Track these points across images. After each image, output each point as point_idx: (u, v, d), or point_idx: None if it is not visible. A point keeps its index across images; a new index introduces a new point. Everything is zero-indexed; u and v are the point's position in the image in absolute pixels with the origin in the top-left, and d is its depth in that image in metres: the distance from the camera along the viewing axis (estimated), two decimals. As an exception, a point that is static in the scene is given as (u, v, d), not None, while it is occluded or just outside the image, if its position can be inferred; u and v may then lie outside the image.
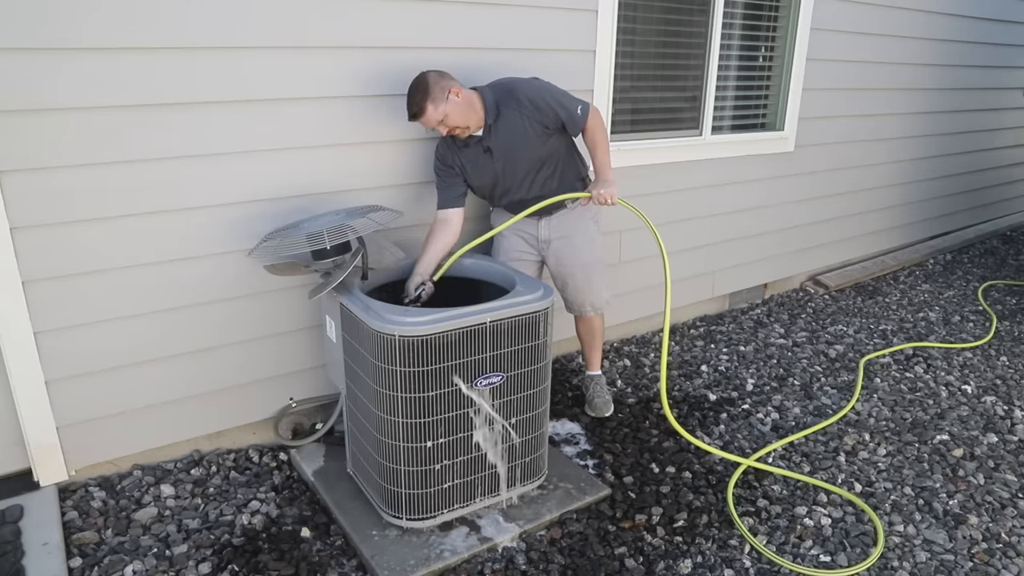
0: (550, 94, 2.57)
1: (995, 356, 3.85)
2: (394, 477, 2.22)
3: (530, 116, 2.54)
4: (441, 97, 2.43)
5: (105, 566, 2.15)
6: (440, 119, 2.45)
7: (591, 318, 3.02)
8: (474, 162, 2.63)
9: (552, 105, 2.56)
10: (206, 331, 2.57)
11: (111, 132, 2.22)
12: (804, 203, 4.52)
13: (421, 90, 2.42)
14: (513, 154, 2.61)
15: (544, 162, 2.66)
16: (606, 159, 2.64)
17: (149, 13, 2.18)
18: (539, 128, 2.57)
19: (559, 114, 2.57)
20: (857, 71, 4.46)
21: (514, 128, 2.56)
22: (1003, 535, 2.44)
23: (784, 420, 3.16)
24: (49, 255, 2.23)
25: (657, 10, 3.48)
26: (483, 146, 2.60)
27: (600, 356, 3.19)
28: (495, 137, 2.57)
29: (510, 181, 2.68)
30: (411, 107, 2.44)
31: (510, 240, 2.87)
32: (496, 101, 2.55)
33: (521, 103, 2.53)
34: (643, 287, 3.77)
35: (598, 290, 2.93)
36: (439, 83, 2.44)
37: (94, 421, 2.45)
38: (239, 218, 2.51)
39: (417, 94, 2.43)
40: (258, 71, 2.41)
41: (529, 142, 2.59)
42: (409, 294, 2.52)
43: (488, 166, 2.63)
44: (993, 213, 6.52)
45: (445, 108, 2.44)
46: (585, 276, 2.88)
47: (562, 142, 2.69)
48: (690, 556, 2.30)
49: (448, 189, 2.67)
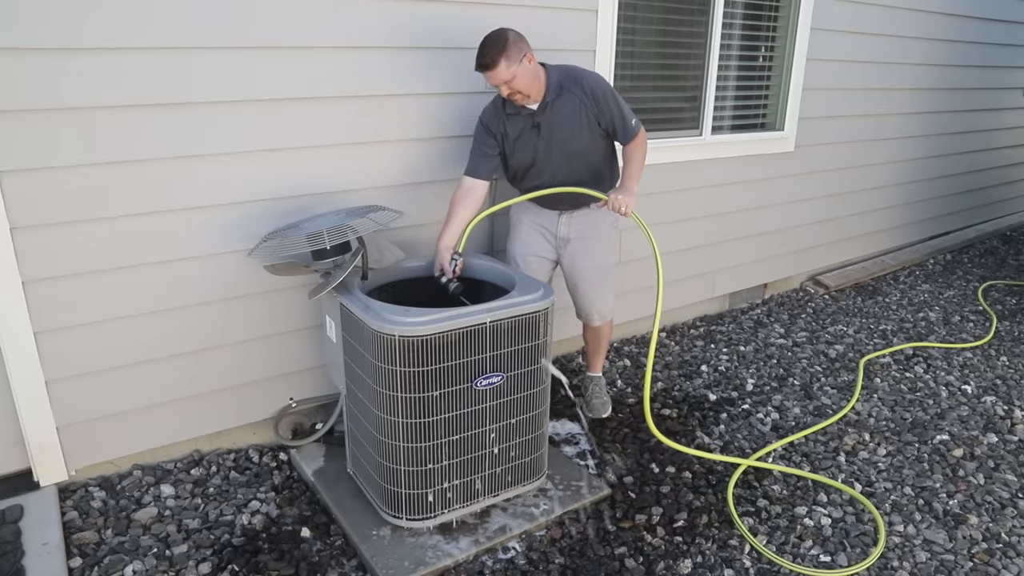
0: (613, 96, 2.58)
1: (995, 356, 3.85)
2: (394, 477, 2.22)
3: (588, 107, 2.55)
4: (516, 57, 2.40)
5: (105, 566, 2.15)
6: (508, 79, 2.42)
7: (598, 327, 3.01)
8: (519, 134, 2.61)
9: (612, 106, 2.56)
10: (206, 331, 2.57)
11: (111, 132, 2.22)
12: (804, 203, 4.52)
13: (500, 44, 2.38)
14: (559, 137, 2.59)
15: (584, 156, 2.65)
16: (637, 173, 2.64)
17: (149, 13, 2.18)
18: (592, 122, 2.57)
19: (615, 117, 2.58)
20: (857, 71, 4.46)
21: (569, 112, 2.55)
22: (1003, 535, 2.44)
23: (784, 420, 3.16)
24: (49, 255, 2.23)
25: (657, 10, 3.48)
26: (533, 120, 2.58)
27: (603, 360, 3.18)
28: (548, 115, 2.56)
29: (546, 163, 2.65)
30: (484, 57, 2.39)
31: (528, 234, 2.85)
32: (560, 82, 2.54)
33: (584, 91, 2.54)
34: (643, 287, 3.77)
35: (605, 297, 2.92)
36: (517, 43, 2.41)
37: (94, 421, 2.45)
38: (239, 218, 2.51)
39: (495, 47, 2.38)
40: (258, 71, 2.41)
41: (579, 130, 2.58)
42: (446, 271, 2.50)
43: (531, 142, 2.62)
44: (993, 213, 6.52)
45: (516, 69, 2.41)
46: (597, 280, 2.87)
47: (606, 146, 2.70)
48: (690, 556, 2.30)
49: (481, 157, 2.64)
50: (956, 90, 5.34)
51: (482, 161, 2.64)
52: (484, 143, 2.64)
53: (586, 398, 3.15)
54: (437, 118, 2.84)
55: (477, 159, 2.65)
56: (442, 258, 2.54)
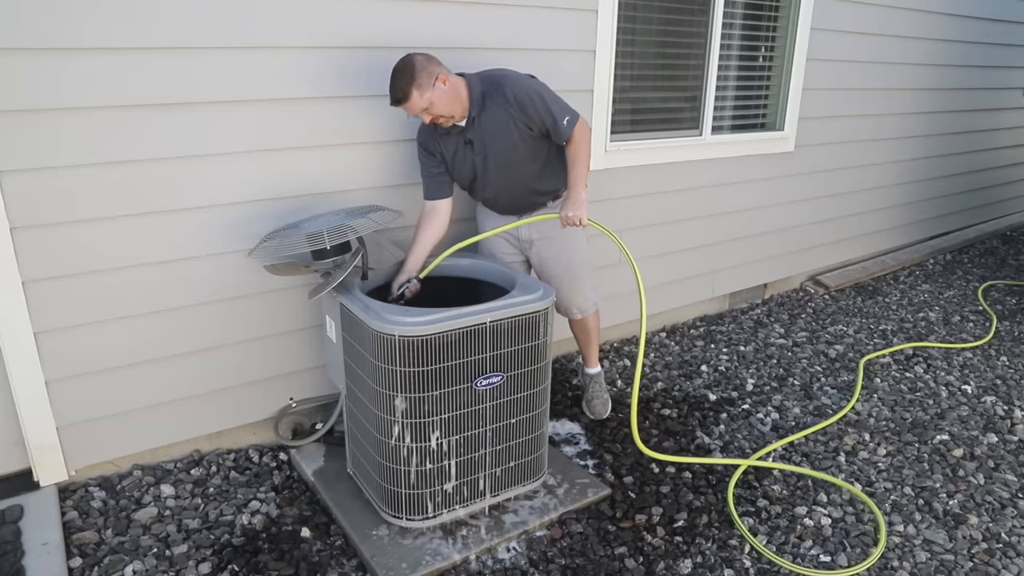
0: (539, 97, 2.45)
1: (995, 356, 3.85)
2: (394, 477, 2.22)
3: (514, 115, 2.45)
4: (427, 83, 2.30)
5: (105, 566, 2.15)
6: (425, 107, 2.34)
7: (582, 320, 2.97)
8: (454, 152, 2.56)
9: (539, 109, 2.45)
10: (206, 331, 2.57)
11: (111, 132, 2.22)
12: (804, 203, 4.52)
13: (407, 74, 2.28)
14: (494, 149, 2.52)
15: (525, 163, 2.57)
16: (581, 175, 2.52)
17: (149, 13, 2.18)
18: (523, 128, 2.47)
19: (544, 120, 2.47)
20: (857, 71, 4.46)
21: (497, 123, 2.46)
22: (1003, 535, 2.44)
23: (784, 420, 3.16)
24: (49, 255, 2.23)
25: (657, 10, 3.48)
26: (465, 137, 2.51)
27: (597, 352, 3.11)
28: (478, 130, 2.49)
29: (490, 176, 2.60)
30: (395, 92, 2.31)
31: (492, 241, 2.83)
32: (483, 92, 2.45)
33: (507, 99, 2.43)
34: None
35: (584, 292, 2.86)
36: (426, 68, 2.31)
37: (94, 421, 2.45)
38: (239, 218, 2.51)
39: (402, 78, 2.29)
40: (259, 71, 2.41)
41: (511, 140, 2.50)
42: (393, 292, 2.50)
43: (468, 158, 2.56)
44: (993, 213, 6.52)
45: (431, 95, 2.32)
46: (570, 276, 2.81)
47: (548, 146, 2.60)
48: (690, 556, 2.30)
49: (432, 178, 2.60)
50: (956, 90, 5.34)
51: (434, 180, 2.60)
52: (429, 164, 2.59)
53: (586, 399, 3.12)
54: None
55: (429, 181, 2.61)
56: (399, 279, 2.52)
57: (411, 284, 2.50)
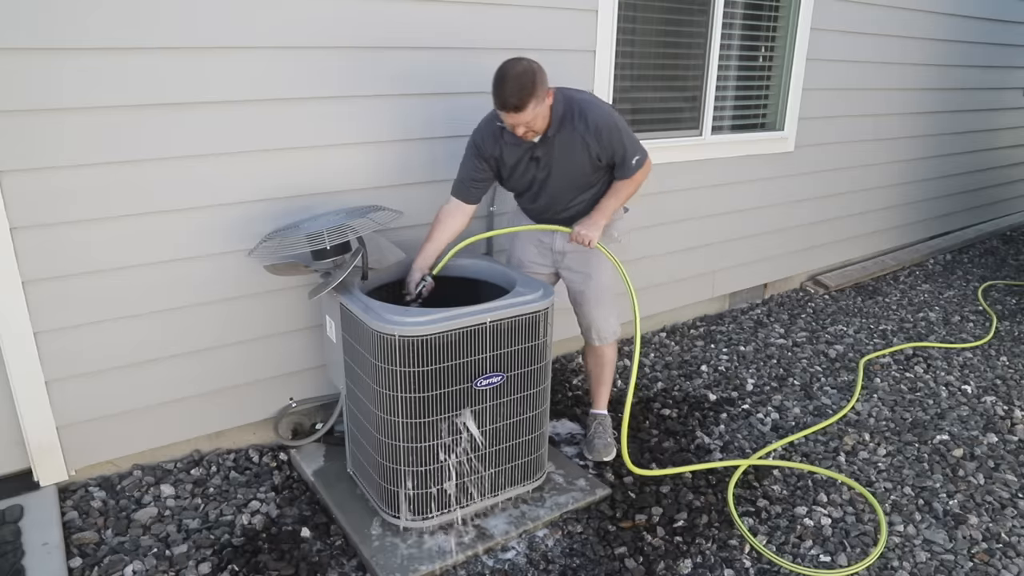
0: (618, 130, 2.41)
1: (995, 356, 3.85)
2: (394, 477, 2.22)
3: (590, 143, 2.38)
4: (542, 97, 2.21)
5: (105, 566, 2.15)
6: (530, 120, 2.22)
7: (599, 348, 2.79)
8: (516, 162, 2.47)
9: (615, 142, 2.41)
10: (206, 331, 2.57)
11: (112, 132, 2.22)
12: (804, 203, 4.52)
13: (527, 84, 2.14)
14: (558, 172, 2.47)
15: (584, 189, 2.54)
16: (612, 207, 2.52)
17: (150, 13, 2.18)
18: (594, 157, 2.42)
19: (615, 153, 2.43)
20: (857, 71, 4.46)
21: (571, 147, 2.39)
22: (1003, 535, 2.44)
23: (784, 420, 3.16)
24: (49, 255, 2.23)
25: (657, 10, 3.48)
26: (533, 153, 2.43)
27: (608, 394, 2.89)
28: (548, 148, 2.41)
29: (545, 193, 2.55)
30: (511, 99, 2.15)
31: (524, 247, 2.76)
32: (564, 114, 2.37)
33: (587, 126, 2.36)
34: (644, 287, 3.76)
35: (607, 316, 2.74)
36: (543, 81, 2.20)
37: (94, 421, 2.45)
38: (239, 218, 2.51)
39: (522, 88, 2.15)
40: (259, 71, 2.41)
41: (580, 166, 2.45)
42: (411, 292, 2.48)
43: (529, 172, 2.49)
44: (993, 213, 6.52)
45: (539, 110, 2.21)
46: (595, 295, 2.71)
47: (609, 177, 2.56)
48: (690, 556, 2.30)
49: (471, 182, 2.49)
50: (956, 90, 5.34)
51: (471, 186, 2.50)
52: (475, 167, 2.48)
53: (587, 437, 2.84)
54: (438, 118, 2.84)
55: (467, 183, 2.50)
56: (412, 277, 2.48)
57: (427, 282, 2.48)
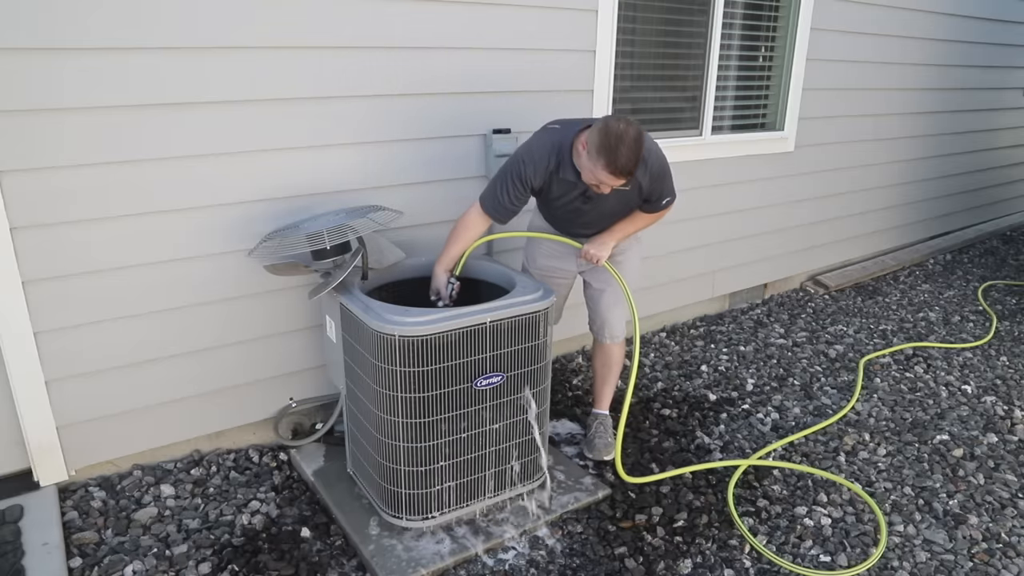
0: (669, 177, 2.49)
1: (995, 356, 3.85)
2: (394, 477, 2.22)
3: (643, 185, 2.43)
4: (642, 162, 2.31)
5: (105, 566, 2.15)
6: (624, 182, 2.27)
7: (609, 347, 2.82)
8: (561, 194, 2.49)
9: (664, 187, 2.48)
10: (206, 331, 2.57)
11: (112, 132, 2.22)
12: (804, 203, 4.52)
13: (638, 153, 2.20)
14: (606, 207, 2.52)
15: (621, 217, 2.60)
16: (627, 231, 2.60)
17: (150, 13, 2.18)
18: (642, 196, 2.49)
19: (654, 192, 2.48)
20: (857, 71, 4.46)
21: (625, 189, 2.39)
22: (1003, 535, 2.44)
23: (784, 420, 3.16)
24: (49, 255, 2.23)
25: (657, 10, 3.48)
26: (585, 193, 2.44)
27: (611, 394, 2.92)
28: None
29: (580, 221, 2.59)
30: (630, 165, 2.20)
31: (550, 246, 2.75)
32: None
33: (645, 169, 2.39)
34: (644, 287, 3.77)
35: (620, 316, 2.77)
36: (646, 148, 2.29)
37: (94, 421, 2.45)
38: (239, 218, 2.51)
39: (639, 156, 2.21)
40: (259, 71, 2.41)
41: (627, 204, 2.53)
42: (443, 297, 2.47)
43: (573, 204, 2.51)
44: (993, 213, 6.52)
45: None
46: (615, 295, 2.73)
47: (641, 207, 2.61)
48: (690, 556, 2.30)
49: (509, 206, 2.46)
50: (956, 90, 5.34)
51: (508, 209, 2.47)
52: (516, 195, 2.45)
53: (588, 437, 2.86)
54: (438, 118, 2.84)
55: (505, 206, 2.46)
56: (439, 282, 2.48)
57: (455, 283, 2.49)
